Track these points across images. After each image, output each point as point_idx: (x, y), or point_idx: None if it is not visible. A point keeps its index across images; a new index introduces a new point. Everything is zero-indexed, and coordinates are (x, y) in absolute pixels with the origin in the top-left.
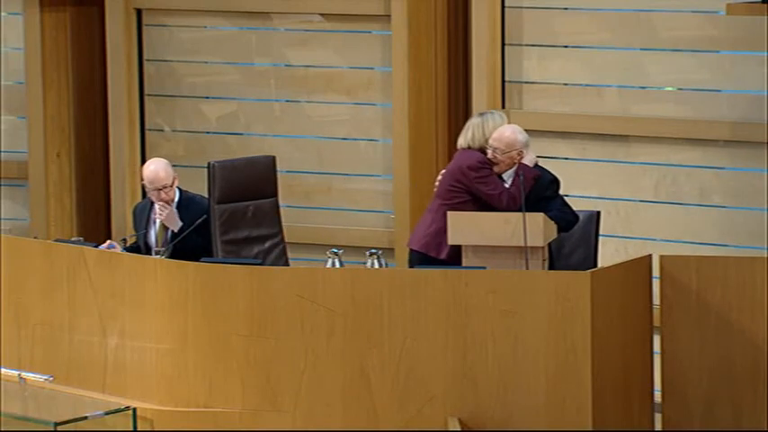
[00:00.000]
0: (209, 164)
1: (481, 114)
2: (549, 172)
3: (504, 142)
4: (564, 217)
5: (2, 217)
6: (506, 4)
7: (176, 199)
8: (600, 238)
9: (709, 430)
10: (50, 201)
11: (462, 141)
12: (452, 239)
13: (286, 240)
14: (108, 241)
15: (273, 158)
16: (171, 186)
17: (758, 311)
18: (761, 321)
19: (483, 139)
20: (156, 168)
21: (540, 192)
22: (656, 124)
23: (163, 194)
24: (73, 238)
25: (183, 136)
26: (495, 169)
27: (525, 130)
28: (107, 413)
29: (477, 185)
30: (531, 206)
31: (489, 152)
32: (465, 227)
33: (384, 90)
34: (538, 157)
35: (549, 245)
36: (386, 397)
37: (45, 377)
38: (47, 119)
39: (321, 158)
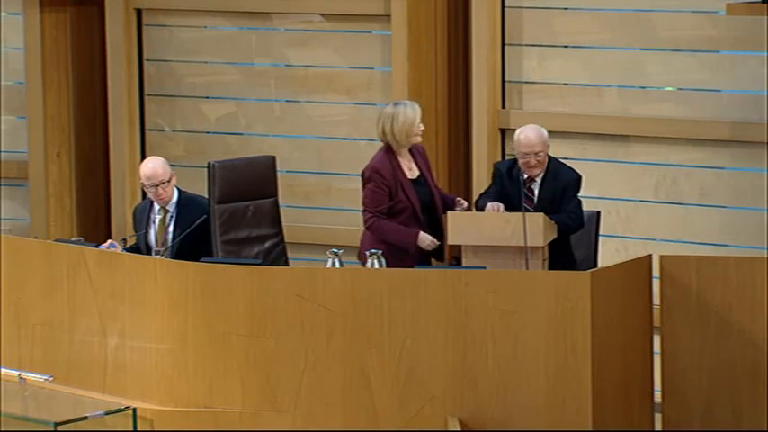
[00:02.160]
0: (209, 164)
1: (395, 104)
2: (572, 171)
3: (514, 139)
4: (566, 222)
5: (2, 217)
6: (506, 4)
7: (175, 199)
8: (600, 238)
9: (709, 430)
10: (50, 201)
11: (378, 132)
12: (452, 239)
13: (286, 240)
14: (108, 241)
15: (273, 158)
16: (168, 183)
17: (758, 311)
18: (761, 321)
19: (392, 135)
20: (153, 165)
21: (557, 189)
22: (656, 124)
23: (161, 191)
24: (73, 238)
25: (183, 136)
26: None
27: None
28: (107, 413)
29: (362, 192)
30: (547, 202)
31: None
32: (465, 227)
33: (384, 90)
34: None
35: (551, 244)
36: (386, 397)
37: (45, 377)
38: (47, 119)
39: (321, 158)
